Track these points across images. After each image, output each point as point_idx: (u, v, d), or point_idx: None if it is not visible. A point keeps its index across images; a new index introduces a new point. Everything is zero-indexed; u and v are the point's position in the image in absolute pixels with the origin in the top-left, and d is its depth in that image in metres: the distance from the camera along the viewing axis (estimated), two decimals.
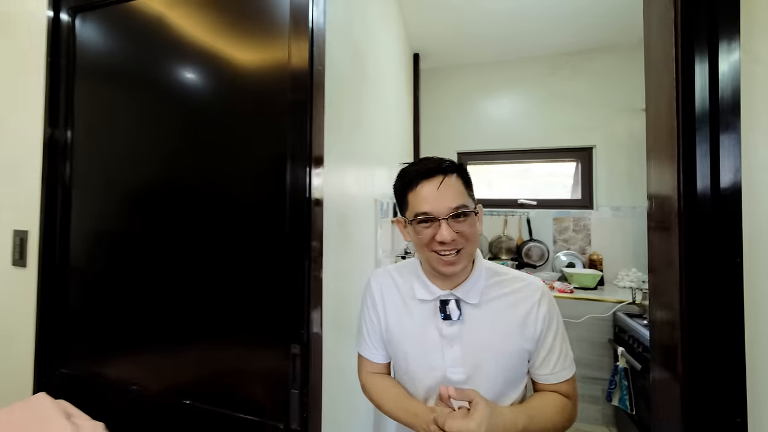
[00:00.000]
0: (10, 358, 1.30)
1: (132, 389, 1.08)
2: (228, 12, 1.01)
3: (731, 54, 0.61)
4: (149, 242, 1.10)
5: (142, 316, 1.10)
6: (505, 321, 0.85)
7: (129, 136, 1.14)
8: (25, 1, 1.32)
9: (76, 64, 1.21)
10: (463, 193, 0.82)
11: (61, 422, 0.96)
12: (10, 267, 1.35)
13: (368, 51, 1.97)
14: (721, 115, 0.61)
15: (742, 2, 0.62)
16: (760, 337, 0.64)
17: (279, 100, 0.96)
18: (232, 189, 1.01)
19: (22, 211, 1.32)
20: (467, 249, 0.82)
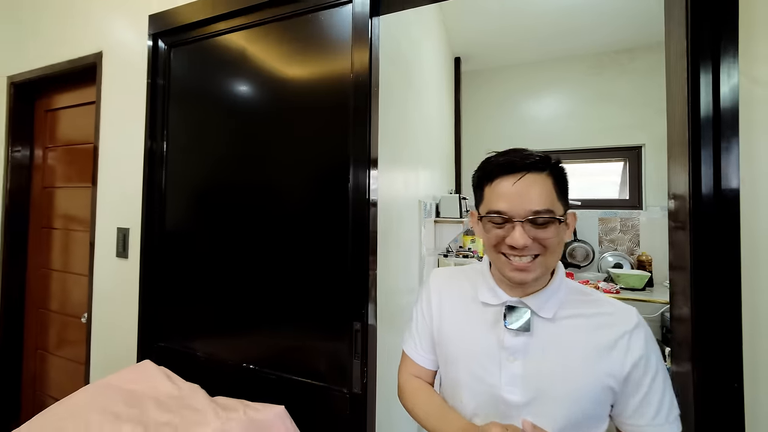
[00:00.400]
0: (118, 333, 1.56)
1: (216, 360, 1.29)
2: (298, 39, 1.19)
3: (731, 76, 0.71)
4: (231, 237, 1.30)
5: (224, 301, 1.30)
6: (585, 345, 0.71)
7: (212, 148, 1.35)
8: (132, 35, 1.58)
9: (170, 85, 1.45)
10: (550, 195, 0.70)
11: (165, 382, 1.18)
12: (115, 258, 1.62)
13: (413, 60, 2.11)
14: (723, 127, 0.70)
15: (741, 29, 0.71)
16: (756, 329, 0.73)
17: (342, 108, 1.11)
18: (304, 190, 1.18)
19: (125, 212, 1.58)
20: (545, 258, 0.71)
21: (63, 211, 1.97)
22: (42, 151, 2.05)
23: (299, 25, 1.19)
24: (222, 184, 1.33)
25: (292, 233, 1.19)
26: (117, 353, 1.54)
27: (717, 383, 0.74)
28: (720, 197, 0.72)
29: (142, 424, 0.94)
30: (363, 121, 1.07)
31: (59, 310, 1.95)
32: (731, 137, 0.71)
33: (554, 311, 0.74)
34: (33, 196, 2.07)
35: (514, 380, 0.73)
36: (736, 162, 0.71)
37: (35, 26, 1.94)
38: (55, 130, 2.01)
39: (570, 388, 0.70)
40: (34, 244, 2.05)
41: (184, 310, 1.39)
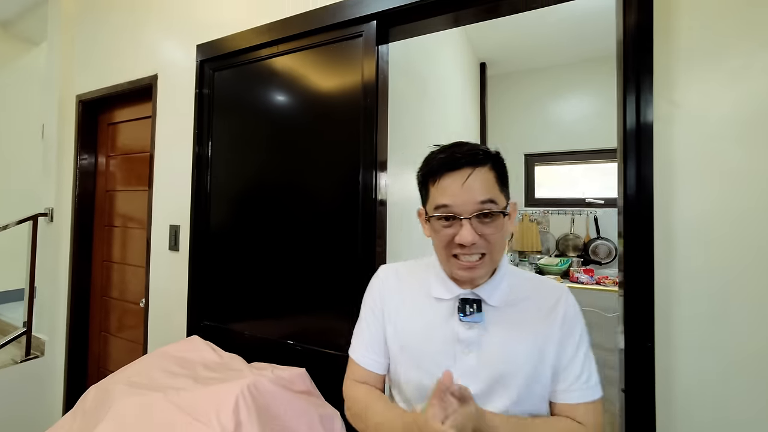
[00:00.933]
0: (171, 312, 1.82)
1: (251, 335, 1.50)
2: (323, 62, 1.40)
3: (647, 101, 0.89)
4: (264, 232, 1.51)
5: (257, 286, 1.52)
6: (532, 324, 0.74)
7: (249, 154, 1.57)
8: (182, 61, 1.85)
9: (214, 101, 1.69)
10: (494, 187, 0.70)
11: (210, 352, 1.40)
12: (168, 251, 1.88)
13: (428, 72, 2.29)
14: (642, 139, 0.88)
15: (664, 61, 0.89)
16: (667, 297, 0.89)
17: (355, 118, 1.30)
18: (323, 191, 1.38)
19: (176, 211, 1.84)
20: (491, 256, 0.72)
21: (122, 211, 2.27)
22: (105, 159, 2.37)
23: (324, 52, 1.40)
24: (257, 185, 1.55)
25: (313, 228, 1.39)
26: (170, 332, 1.80)
27: (636, 343, 0.90)
28: (640, 195, 0.89)
29: (192, 378, 1.17)
30: (371, 128, 1.27)
31: (119, 297, 2.25)
32: (647, 148, 0.88)
33: (503, 299, 0.76)
34: (97, 198, 2.39)
35: (469, 372, 0.72)
36: (650, 166, 0.88)
37: (100, 53, 2.25)
38: (116, 140, 2.32)
39: (522, 370, 0.71)
40: (98, 240, 2.37)
41: (225, 294, 1.62)
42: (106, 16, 2.24)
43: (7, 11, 2.99)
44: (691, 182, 0.89)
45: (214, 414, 0.99)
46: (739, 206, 0.85)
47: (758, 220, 0.83)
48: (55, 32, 2.43)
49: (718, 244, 0.86)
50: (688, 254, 0.89)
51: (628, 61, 0.91)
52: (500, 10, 1.22)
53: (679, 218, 0.89)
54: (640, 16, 0.90)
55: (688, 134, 0.89)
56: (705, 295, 0.87)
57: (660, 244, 0.89)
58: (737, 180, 0.85)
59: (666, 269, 0.89)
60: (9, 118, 3.39)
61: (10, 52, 3.38)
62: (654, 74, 0.88)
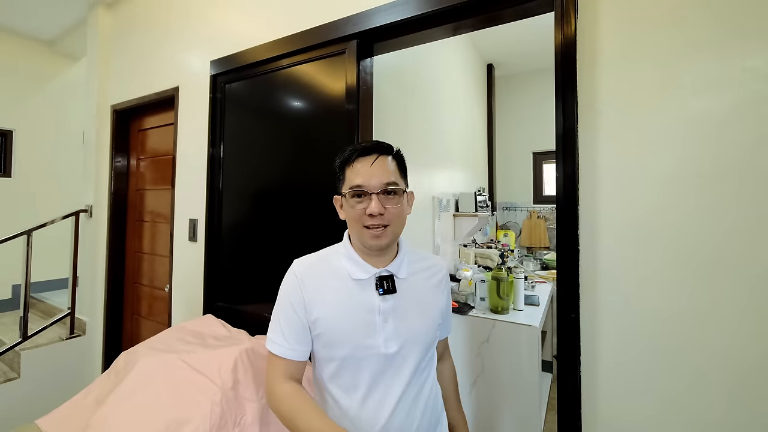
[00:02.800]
0: (190, 295, 2.07)
1: (255, 314, 1.73)
2: (318, 74, 1.59)
3: (571, 111, 1.03)
4: (264, 225, 1.73)
5: (261, 273, 1.74)
6: (428, 289, 0.97)
7: (254, 155, 1.80)
8: (199, 74, 2.10)
9: (225, 108, 1.92)
10: (395, 173, 0.89)
11: (221, 327, 1.63)
12: (188, 242, 2.13)
13: (417, 80, 2.45)
14: (566, 143, 1.02)
15: (587, 72, 1.03)
16: (590, 275, 1.01)
17: (340, 116, 1.49)
18: (319, 186, 1.57)
19: (194, 206, 2.09)
20: (393, 227, 0.88)
21: (150, 208, 2.55)
22: (135, 162, 2.66)
23: (318, 65, 1.60)
24: (261, 182, 1.77)
25: (307, 222, 1.59)
26: (189, 312, 2.05)
27: (565, 315, 1.04)
28: (567, 192, 1.04)
29: (202, 345, 1.40)
30: (352, 131, 1.45)
31: (148, 284, 2.53)
32: (572, 149, 1.03)
33: (407, 272, 0.94)
34: (129, 196, 2.68)
35: (390, 335, 0.88)
36: (574, 165, 1.02)
37: (131, 67, 2.55)
38: (145, 145, 2.61)
39: (425, 325, 0.93)
40: (131, 233, 2.66)
41: (235, 279, 1.85)
42: (136, 35, 2.53)
43: (53, 31, 3.36)
44: (612, 181, 1.02)
45: (216, 371, 1.21)
46: (657, 203, 0.97)
47: (670, 215, 0.95)
48: (93, 49, 2.75)
49: (634, 235, 0.99)
50: (609, 243, 1.02)
51: (557, 71, 1.06)
52: (462, 28, 1.38)
53: (603, 212, 1.03)
54: (568, 30, 1.04)
55: (610, 139, 1.02)
56: (621, 275, 1.00)
57: (585, 235, 1.04)
58: (656, 181, 0.97)
59: (592, 256, 1.03)
60: (54, 127, 3.79)
61: (55, 68, 3.77)
62: (578, 84, 1.03)
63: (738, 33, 0.89)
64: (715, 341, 0.90)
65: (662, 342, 0.95)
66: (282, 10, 1.74)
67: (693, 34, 0.94)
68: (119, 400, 1.17)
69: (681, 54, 0.95)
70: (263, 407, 1.19)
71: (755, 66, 0.87)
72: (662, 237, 0.96)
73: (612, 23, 1.04)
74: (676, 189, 0.95)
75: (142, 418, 1.10)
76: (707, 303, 0.91)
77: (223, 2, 2.00)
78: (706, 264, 0.91)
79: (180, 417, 1.10)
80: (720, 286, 0.89)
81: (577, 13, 1.05)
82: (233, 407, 1.14)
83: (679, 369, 0.93)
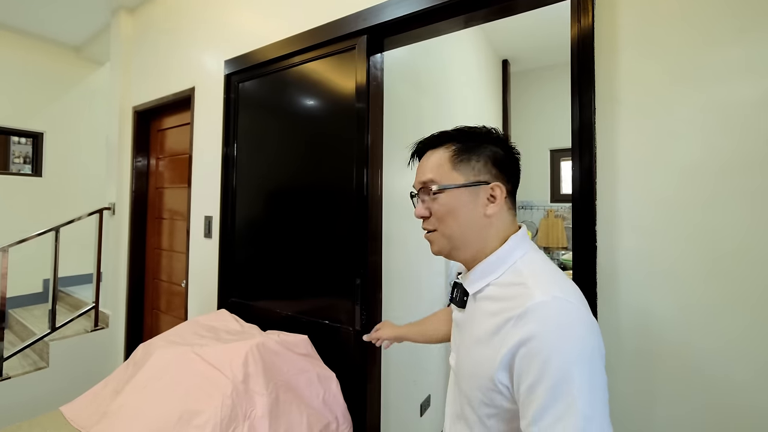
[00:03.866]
0: (205, 290, 2.13)
1: (267, 309, 1.77)
2: (329, 71, 1.60)
3: (588, 106, 1.00)
4: (277, 223, 1.76)
5: (273, 269, 1.77)
6: (478, 329, 0.68)
7: (266, 154, 1.82)
8: (214, 74, 2.15)
9: (239, 108, 1.97)
10: (442, 165, 0.73)
11: (234, 322, 1.67)
12: (203, 239, 2.19)
13: (429, 77, 2.44)
14: (583, 137, 1.00)
15: (597, 64, 1.00)
16: (605, 286, 0.97)
17: (350, 113, 1.49)
18: (324, 185, 1.59)
19: (209, 204, 2.14)
20: (441, 230, 0.73)
21: (169, 206, 2.63)
22: (155, 161, 2.75)
23: (329, 62, 1.61)
24: (274, 180, 1.80)
25: (318, 219, 1.62)
26: (205, 308, 2.11)
27: None
28: (583, 184, 1.01)
29: (215, 339, 1.44)
30: (362, 128, 1.45)
31: (167, 280, 2.61)
32: (589, 143, 1.00)
33: (477, 289, 0.71)
34: (149, 194, 2.77)
35: (454, 347, 0.79)
36: (591, 159, 1.00)
37: (150, 69, 2.63)
38: (164, 144, 2.69)
39: (466, 369, 0.70)
40: (151, 230, 2.75)
41: (247, 275, 1.89)
42: (155, 38, 2.61)
43: (80, 37, 3.50)
44: (632, 175, 0.98)
45: (228, 364, 1.25)
46: (680, 196, 0.93)
47: (693, 209, 0.91)
48: (116, 53, 2.84)
49: (655, 231, 0.96)
50: (629, 240, 0.99)
51: (573, 63, 1.04)
52: (475, 19, 1.35)
53: (622, 208, 1.00)
54: (585, 19, 1.01)
55: (629, 131, 0.99)
56: (641, 274, 0.97)
57: (603, 232, 1.00)
58: (678, 173, 0.93)
59: (611, 254, 1.00)
60: (81, 129, 3.95)
61: (81, 72, 3.93)
62: (596, 75, 1.00)
63: (765, 17, 0.85)
64: (740, 339, 0.86)
65: (684, 345, 0.92)
66: (293, 9, 1.76)
67: (716, 19, 0.89)
68: (135, 389, 1.22)
69: (703, 40, 0.90)
70: (273, 401, 1.22)
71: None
72: (684, 232, 0.92)
73: (631, 11, 1.00)
74: (699, 180, 0.90)
75: (156, 408, 1.15)
76: (732, 300, 0.87)
77: (235, 2, 2.04)
78: (730, 259, 0.87)
79: (192, 408, 1.14)
80: (745, 282, 0.85)
81: (594, 3, 1.02)
82: (243, 400, 1.18)
83: (704, 370, 0.90)
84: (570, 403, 0.53)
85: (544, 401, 0.54)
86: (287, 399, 1.27)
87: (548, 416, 0.54)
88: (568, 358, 0.54)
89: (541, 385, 0.55)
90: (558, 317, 0.57)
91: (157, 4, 2.62)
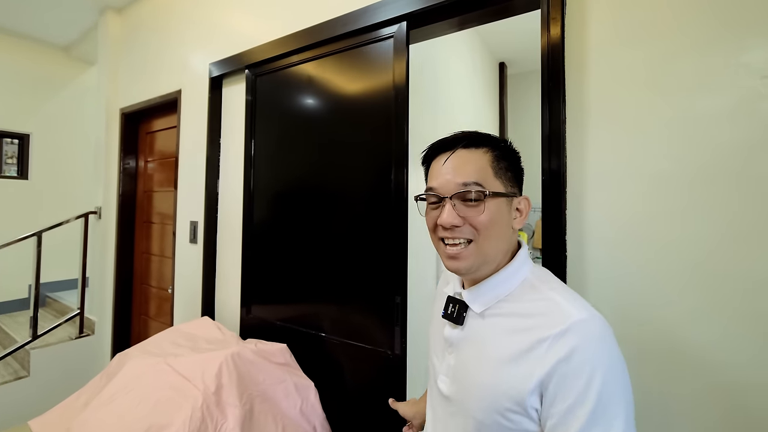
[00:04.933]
0: (190, 293, 2.08)
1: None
2: (352, 66, 1.45)
3: (559, 111, 0.98)
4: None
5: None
6: (497, 349, 0.62)
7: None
8: (200, 76, 2.11)
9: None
10: (484, 170, 0.65)
11: (215, 330, 1.62)
12: (189, 244, 2.14)
13: (434, 78, 2.40)
14: (552, 140, 0.98)
15: (567, 75, 0.99)
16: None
17: (386, 117, 1.32)
18: (355, 189, 1.41)
19: (194, 208, 2.09)
20: (479, 245, 0.65)
21: (158, 209, 2.58)
22: (143, 164, 2.70)
23: (352, 56, 1.46)
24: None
25: (347, 227, 1.43)
26: (190, 313, 2.06)
27: None
28: (553, 193, 0.99)
29: (192, 348, 1.39)
30: (401, 127, 1.29)
31: (155, 285, 2.56)
32: (558, 151, 0.98)
33: (486, 306, 0.67)
34: (138, 198, 2.72)
35: (448, 371, 0.70)
36: (560, 168, 0.98)
37: (138, 71, 2.59)
38: (153, 147, 2.64)
39: (480, 394, 0.62)
40: (139, 235, 2.70)
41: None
42: (142, 39, 2.57)
43: (69, 37, 3.45)
44: (601, 184, 0.96)
45: (200, 375, 1.20)
46: (648, 207, 0.91)
47: (661, 219, 0.89)
48: (104, 53, 2.81)
49: (624, 240, 0.93)
50: (598, 249, 0.96)
51: (544, 72, 1.01)
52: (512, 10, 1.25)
53: (590, 217, 0.98)
54: (555, 30, 0.99)
55: (598, 140, 0.97)
56: (611, 282, 0.94)
57: (573, 242, 0.98)
58: (646, 183, 0.91)
59: (580, 263, 0.97)
60: (68, 130, 3.89)
61: (70, 72, 3.88)
62: (566, 85, 0.98)
63: (730, 29, 0.83)
64: (709, 346, 0.83)
65: (654, 350, 0.88)
66: (284, 10, 1.70)
67: (683, 31, 0.88)
68: (101, 403, 1.16)
69: (671, 52, 0.89)
70: (246, 412, 1.17)
71: (748, 62, 0.80)
72: (652, 241, 0.90)
73: (600, 25, 0.98)
74: (666, 191, 0.88)
75: (122, 422, 1.10)
76: (699, 308, 0.84)
77: (225, 3, 2.00)
78: (698, 268, 0.84)
79: (160, 421, 1.08)
80: (712, 290, 0.83)
81: (564, 13, 1.00)
82: (215, 412, 1.12)
83: (671, 374, 0.87)
84: (611, 424, 0.52)
85: (587, 422, 0.52)
86: (263, 410, 1.22)
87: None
88: (611, 378, 0.54)
89: (583, 407, 0.53)
90: (601, 335, 0.57)
91: (145, 4, 2.58)
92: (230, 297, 1.86)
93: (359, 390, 1.37)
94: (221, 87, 1.94)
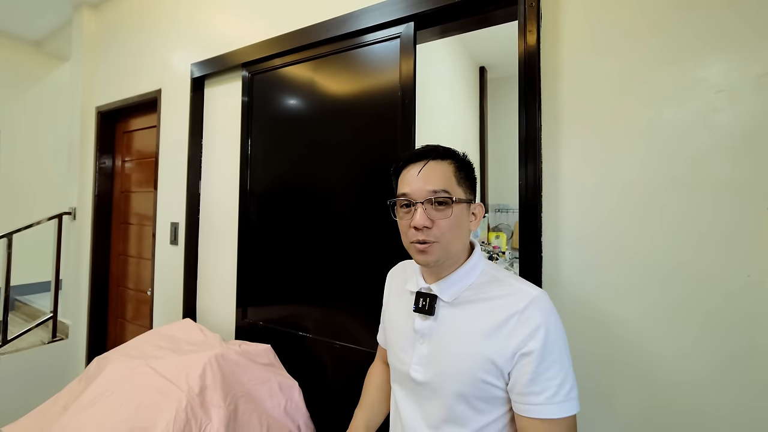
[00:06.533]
0: (170, 294, 2.05)
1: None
2: (349, 67, 1.43)
3: (535, 119, 1.02)
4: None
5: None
6: (473, 329, 0.74)
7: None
8: (180, 76, 2.08)
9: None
10: (450, 179, 0.76)
11: (197, 332, 1.60)
12: (169, 245, 2.11)
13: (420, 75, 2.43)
14: (528, 148, 1.02)
15: (543, 83, 1.04)
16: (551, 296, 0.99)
17: (391, 116, 1.30)
18: (350, 191, 1.40)
19: (175, 209, 2.07)
20: (442, 244, 0.76)
21: (135, 210, 2.53)
22: (121, 163, 2.64)
23: (351, 56, 1.43)
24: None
25: (339, 231, 1.43)
26: (170, 316, 2.03)
27: None
28: (529, 196, 1.03)
29: (174, 350, 1.37)
30: (408, 128, 1.28)
31: (133, 287, 2.50)
32: (535, 157, 1.02)
33: (456, 296, 0.78)
34: (114, 198, 2.66)
35: (420, 360, 0.79)
36: (536, 172, 1.02)
37: (115, 69, 2.53)
38: (130, 147, 2.59)
39: (458, 370, 0.73)
40: (116, 236, 2.64)
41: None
42: (120, 36, 2.52)
43: (40, 32, 3.34)
44: (575, 189, 1.00)
45: (184, 377, 1.19)
46: (618, 212, 0.96)
47: (631, 224, 0.94)
48: (78, 50, 2.73)
49: (595, 243, 0.98)
50: (571, 251, 1.01)
51: (521, 80, 1.05)
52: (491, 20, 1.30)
53: (565, 220, 1.02)
54: (531, 39, 1.03)
55: (572, 146, 1.02)
56: (583, 283, 0.98)
57: (548, 243, 1.02)
58: (617, 189, 0.96)
59: (555, 264, 1.02)
60: (40, 128, 3.76)
61: (42, 68, 3.75)
62: (542, 92, 1.03)
63: (691, 45, 0.89)
64: (674, 347, 0.88)
65: (618, 351, 0.93)
66: (271, 12, 1.70)
67: (652, 45, 0.93)
68: (82, 408, 1.14)
69: (640, 64, 0.94)
70: (231, 413, 1.17)
71: (705, 77, 0.87)
72: (623, 244, 0.95)
73: (574, 36, 1.03)
74: (635, 196, 0.93)
75: (103, 426, 1.08)
76: (666, 310, 0.89)
77: (208, 3, 1.98)
78: (666, 272, 0.89)
79: (143, 424, 1.07)
80: (679, 294, 0.88)
81: (540, 25, 1.05)
82: (199, 413, 1.12)
83: (636, 377, 0.92)
84: (565, 365, 0.69)
85: (556, 369, 0.68)
86: (247, 410, 1.22)
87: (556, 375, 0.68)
88: (559, 336, 0.70)
89: (538, 352, 0.68)
90: (551, 305, 0.73)
91: (122, 2, 2.53)
92: (215, 299, 1.85)
93: (344, 389, 1.39)
94: (203, 87, 1.92)
